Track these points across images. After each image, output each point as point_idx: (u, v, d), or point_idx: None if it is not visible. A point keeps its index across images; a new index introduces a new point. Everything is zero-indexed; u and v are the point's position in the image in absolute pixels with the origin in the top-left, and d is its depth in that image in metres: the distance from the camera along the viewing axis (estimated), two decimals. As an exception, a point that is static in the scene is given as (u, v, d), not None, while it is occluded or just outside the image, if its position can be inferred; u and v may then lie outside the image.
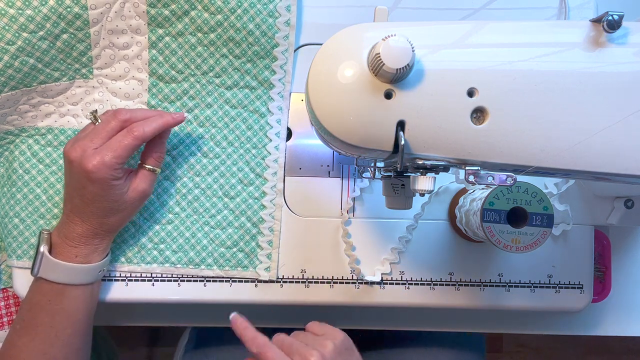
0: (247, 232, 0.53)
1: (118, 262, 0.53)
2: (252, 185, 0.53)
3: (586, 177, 0.36)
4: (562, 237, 0.54)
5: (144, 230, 0.53)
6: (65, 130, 0.53)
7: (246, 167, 0.53)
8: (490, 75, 0.33)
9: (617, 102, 0.33)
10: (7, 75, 0.47)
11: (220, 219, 0.53)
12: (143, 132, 0.45)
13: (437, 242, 0.54)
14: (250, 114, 0.53)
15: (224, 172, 0.53)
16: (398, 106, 0.33)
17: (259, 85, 0.53)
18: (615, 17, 0.33)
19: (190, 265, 0.53)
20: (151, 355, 1.23)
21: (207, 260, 0.53)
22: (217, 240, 0.53)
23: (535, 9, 0.54)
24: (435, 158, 0.35)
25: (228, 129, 0.53)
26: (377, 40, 0.31)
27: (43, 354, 0.47)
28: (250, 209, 0.53)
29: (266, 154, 0.53)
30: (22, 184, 0.52)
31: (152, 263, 0.53)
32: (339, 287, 0.53)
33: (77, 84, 0.52)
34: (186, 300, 0.53)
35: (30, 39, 0.47)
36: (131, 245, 0.53)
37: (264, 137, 0.53)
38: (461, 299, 0.54)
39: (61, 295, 0.47)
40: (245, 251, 0.53)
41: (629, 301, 0.60)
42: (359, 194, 0.54)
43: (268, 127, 0.53)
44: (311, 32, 0.54)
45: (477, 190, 0.51)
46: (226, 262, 0.53)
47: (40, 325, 0.47)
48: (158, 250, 0.53)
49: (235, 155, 0.53)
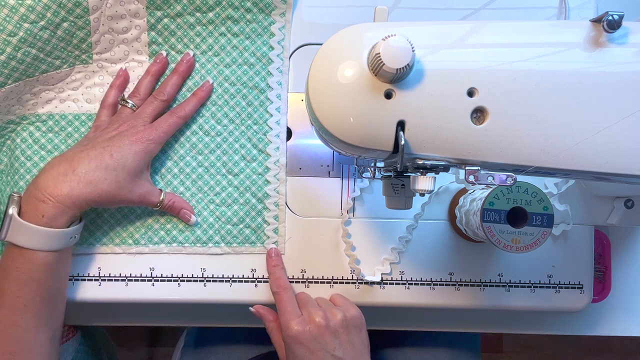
0: (252, 208, 0.53)
1: (125, 244, 0.53)
2: (255, 162, 0.53)
3: (586, 177, 0.36)
4: (562, 237, 0.54)
5: (150, 211, 0.53)
6: (66, 115, 0.53)
7: (248, 144, 0.53)
8: (490, 75, 0.33)
9: (617, 102, 0.33)
10: (11, 67, 0.48)
11: (225, 196, 0.53)
12: (185, 112, 0.51)
13: (437, 242, 0.54)
14: (250, 90, 0.53)
15: (227, 150, 0.53)
16: (398, 106, 0.33)
17: (257, 62, 0.53)
18: (615, 17, 0.33)
19: (197, 243, 0.53)
20: (151, 355, 1.23)
21: (215, 238, 0.53)
22: (224, 218, 0.53)
23: (535, 9, 0.54)
24: (435, 158, 0.35)
25: (228, 107, 0.53)
26: (377, 40, 0.31)
27: (12, 325, 0.45)
28: (254, 185, 0.53)
29: (267, 129, 0.53)
30: (25, 171, 0.52)
31: (159, 243, 0.53)
32: (339, 287, 0.53)
33: (77, 70, 0.52)
34: (186, 300, 0.53)
35: (32, 29, 0.47)
36: (138, 226, 0.53)
37: (265, 112, 0.53)
38: (461, 299, 0.54)
39: (30, 263, 0.45)
40: (252, 227, 0.53)
41: (629, 301, 0.60)
42: (359, 194, 0.54)
43: (268, 102, 0.53)
44: (311, 32, 0.54)
45: (477, 190, 0.51)
46: (233, 239, 0.53)
47: (6, 294, 0.45)
48: (165, 230, 0.53)
49: (237, 132, 0.53)
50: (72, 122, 0.53)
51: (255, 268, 0.53)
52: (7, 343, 0.45)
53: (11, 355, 0.45)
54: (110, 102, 0.52)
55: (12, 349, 0.45)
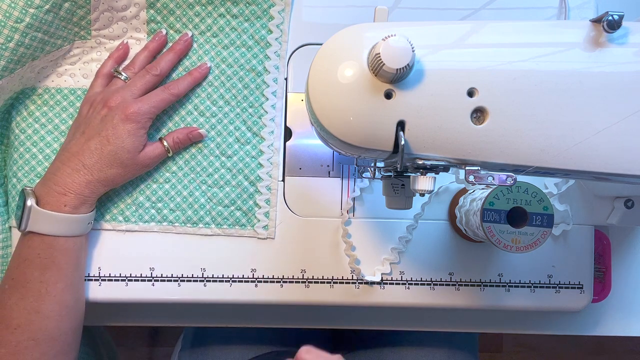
0: (244, 190, 0.53)
1: (116, 220, 0.53)
2: (249, 144, 0.53)
3: (586, 177, 0.36)
4: (562, 237, 0.54)
5: (142, 189, 0.53)
6: (62, 89, 0.53)
7: (243, 126, 0.53)
8: (490, 75, 0.33)
9: (617, 102, 0.33)
10: (20, 54, 0.48)
11: (217, 177, 0.53)
12: (178, 89, 0.51)
13: (437, 242, 0.54)
14: (246, 72, 0.53)
15: (221, 131, 0.53)
16: (398, 106, 0.33)
17: (255, 44, 0.53)
18: (615, 17, 0.33)
19: (188, 223, 0.53)
20: (151, 355, 1.23)
21: (205, 219, 0.53)
22: (215, 199, 0.53)
23: (535, 9, 0.54)
24: (435, 158, 0.35)
25: (225, 88, 0.53)
26: (377, 40, 0.31)
27: (36, 312, 0.46)
28: (247, 168, 0.53)
29: (263, 112, 0.53)
30: (18, 144, 0.52)
31: (150, 222, 0.53)
32: (339, 287, 0.53)
33: (75, 45, 0.53)
34: (186, 300, 0.53)
35: (38, 14, 0.47)
36: (129, 204, 0.53)
37: (261, 95, 0.53)
38: (461, 299, 0.54)
39: (51, 248, 0.47)
40: (243, 209, 0.53)
41: (629, 301, 0.60)
42: (359, 194, 0.54)
43: (264, 85, 0.53)
44: (311, 32, 0.54)
45: (477, 190, 0.51)
46: (224, 221, 0.53)
47: (30, 282, 0.46)
48: (156, 208, 0.53)
49: (232, 114, 0.53)
50: (68, 96, 0.53)
51: (255, 268, 0.53)
52: (31, 330, 0.46)
53: (34, 341, 0.46)
54: (105, 72, 0.52)
55: (35, 336, 0.46)
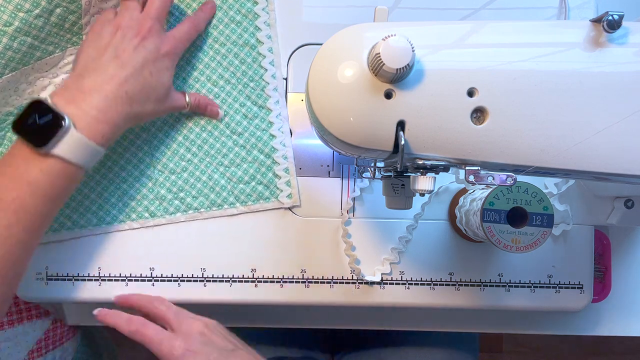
0: (262, 164, 0.53)
1: (142, 218, 0.53)
2: (257, 118, 0.53)
3: (586, 177, 0.36)
4: (562, 237, 0.54)
5: (161, 183, 0.53)
6: None
7: (248, 102, 0.53)
8: (490, 75, 0.33)
9: (617, 102, 0.33)
10: (7, 57, 0.47)
11: (232, 156, 0.53)
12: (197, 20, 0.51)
13: (437, 242, 0.54)
14: (240, 48, 0.53)
15: (227, 111, 0.53)
16: (398, 106, 0.33)
17: (243, 18, 0.53)
18: (615, 17, 0.33)
19: (213, 207, 0.53)
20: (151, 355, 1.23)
21: (229, 199, 0.53)
22: (235, 178, 0.53)
23: (535, 9, 0.54)
24: (435, 158, 0.35)
25: (222, 67, 0.53)
26: (377, 40, 0.31)
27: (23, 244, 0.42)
28: (260, 142, 0.53)
29: (264, 84, 0.53)
30: None
31: (175, 213, 0.53)
32: (339, 287, 0.53)
33: (68, 52, 0.52)
34: (186, 300, 0.53)
35: (27, 18, 0.47)
36: (152, 199, 0.53)
37: (259, 67, 0.53)
38: (461, 299, 0.54)
39: (67, 180, 0.42)
40: (264, 183, 0.53)
41: (629, 301, 0.60)
42: (359, 194, 0.54)
43: (261, 57, 0.53)
44: (311, 32, 0.54)
45: (477, 190, 0.51)
46: (247, 198, 0.53)
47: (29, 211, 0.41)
48: (179, 199, 0.53)
49: (235, 92, 0.53)
50: None
51: (255, 268, 0.53)
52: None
53: None
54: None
55: None
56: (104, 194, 0.53)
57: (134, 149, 0.53)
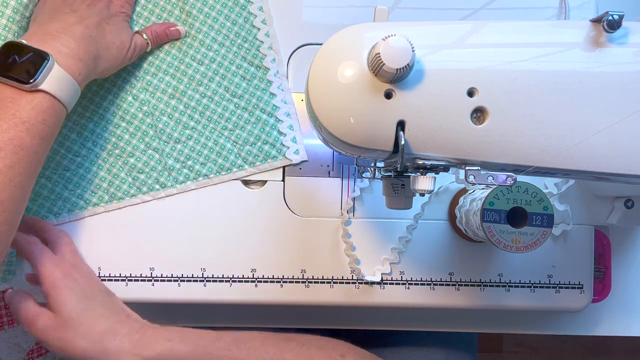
0: (265, 123, 0.54)
1: (154, 190, 0.53)
2: (255, 79, 0.54)
3: (586, 177, 0.36)
4: (562, 237, 0.54)
5: (168, 153, 0.53)
6: None
7: (244, 63, 0.53)
8: (490, 75, 0.33)
9: (617, 102, 0.33)
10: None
11: (236, 119, 0.54)
12: None
13: (437, 242, 0.54)
14: (231, 9, 0.53)
15: (225, 74, 0.53)
16: (398, 106, 0.33)
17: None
18: (615, 17, 0.33)
19: (222, 171, 0.54)
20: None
21: (237, 162, 0.54)
22: (240, 140, 0.54)
23: (535, 9, 0.54)
24: (435, 158, 0.35)
25: (214, 31, 0.53)
26: (377, 40, 0.31)
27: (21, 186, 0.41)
28: (261, 101, 0.54)
29: (259, 43, 0.54)
30: None
31: (185, 182, 0.54)
32: (339, 287, 0.53)
33: None
34: (186, 300, 0.53)
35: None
36: (161, 171, 0.53)
37: (252, 27, 0.53)
38: (461, 299, 0.54)
39: (56, 117, 0.42)
40: (269, 142, 0.54)
41: (629, 301, 0.60)
42: (359, 194, 0.54)
43: (252, 17, 0.53)
44: (311, 32, 0.54)
45: (477, 190, 0.51)
46: (255, 158, 0.54)
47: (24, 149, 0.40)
48: (187, 167, 0.53)
49: (230, 55, 0.53)
50: None
51: (255, 268, 0.53)
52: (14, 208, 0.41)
53: None
54: None
55: None
56: (112, 170, 0.53)
57: (137, 123, 0.53)
